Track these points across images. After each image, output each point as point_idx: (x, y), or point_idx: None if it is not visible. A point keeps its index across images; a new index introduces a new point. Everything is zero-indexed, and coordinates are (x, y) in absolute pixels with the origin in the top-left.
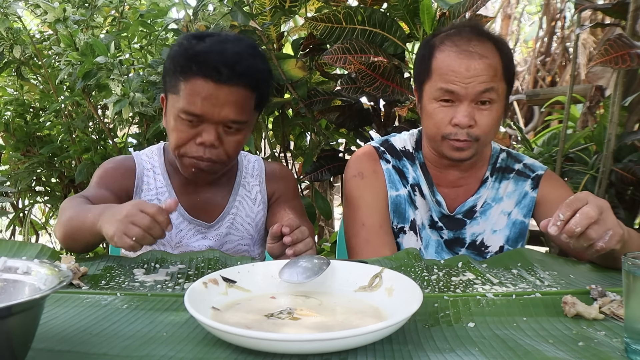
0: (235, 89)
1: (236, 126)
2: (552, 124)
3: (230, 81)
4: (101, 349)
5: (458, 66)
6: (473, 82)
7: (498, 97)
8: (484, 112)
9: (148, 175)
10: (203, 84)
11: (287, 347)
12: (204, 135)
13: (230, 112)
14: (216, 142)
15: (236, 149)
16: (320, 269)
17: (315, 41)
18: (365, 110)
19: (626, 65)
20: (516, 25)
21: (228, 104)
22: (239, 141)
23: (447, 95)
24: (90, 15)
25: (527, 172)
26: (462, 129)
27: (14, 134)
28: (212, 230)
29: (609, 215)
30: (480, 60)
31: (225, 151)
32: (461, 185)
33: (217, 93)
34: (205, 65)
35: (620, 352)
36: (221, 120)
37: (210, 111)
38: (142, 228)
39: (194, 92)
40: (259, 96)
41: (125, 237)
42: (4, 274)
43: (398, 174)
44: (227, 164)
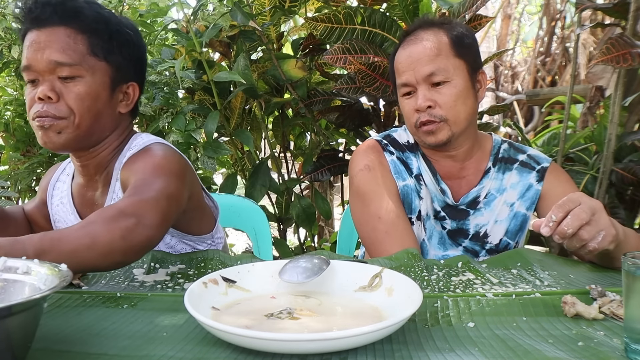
0: (54, 29)
1: (67, 71)
2: (552, 124)
3: (48, 22)
4: (101, 349)
5: (403, 57)
6: (417, 65)
7: (451, 74)
8: (441, 91)
9: (62, 179)
10: (30, 35)
11: (287, 347)
12: (39, 89)
13: (51, 52)
14: (51, 93)
15: (80, 102)
16: (320, 269)
17: (315, 41)
18: (365, 110)
19: (627, 64)
20: (516, 25)
21: (49, 46)
22: (79, 93)
23: (405, 88)
24: None
25: (531, 164)
26: (423, 112)
27: (14, 134)
28: None
29: (601, 216)
30: (419, 43)
31: (67, 105)
32: (463, 177)
33: (38, 38)
34: (26, 15)
35: (620, 352)
36: (46, 66)
37: (34, 57)
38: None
39: (25, 47)
40: (93, 39)
41: None
42: (4, 274)
43: (403, 165)
44: (74, 123)
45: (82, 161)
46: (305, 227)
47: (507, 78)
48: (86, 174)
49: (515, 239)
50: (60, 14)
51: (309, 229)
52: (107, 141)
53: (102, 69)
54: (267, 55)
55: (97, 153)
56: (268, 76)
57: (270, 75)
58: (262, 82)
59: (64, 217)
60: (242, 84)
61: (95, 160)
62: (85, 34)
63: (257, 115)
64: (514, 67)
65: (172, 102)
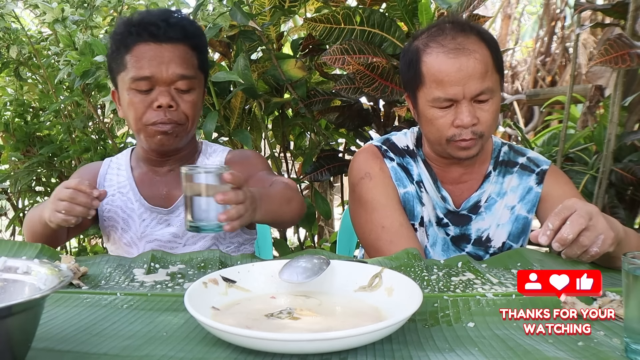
0: (176, 46)
1: (186, 84)
2: (552, 124)
3: (169, 38)
4: (101, 349)
5: (450, 68)
6: (469, 82)
7: (494, 91)
8: (484, 107)
9: (112, 172)
10: (145, 47)
11: (287, 347)
12: (160, 98)
13: (177, 67)
14: (172, 102)
15: (193, 110)
16: (320, 269)
17: (315, 41)
18: (364, 111)
19: (626, 65)
20: (516, 25)
21: (173, 61)
22: (193, 102)
23: (446, 102)
24: (89, 15)
25: (531, 167)
26: (466, 129)
27: (13, 134)
28: (174, 217)
29: (598, 220)
30: (471, 56)
31: (183, 113)
32: (465, 182)
33: (160, 52)
34: (143, 28)
35: (619, 352)
36: (170, 79)
37: (158, 70)
38: (67, 200)
39: (139, 57)
40: (200, 55)
41: (57, 213)
42: (4, 274)
43: (403, 171)
44: (188, 129)
45: (168, 156)
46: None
47: (507, 78)
48: (163, 166)
49: (518, 242)
50: (180, 32)
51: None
52: (191, 141)
53: (202, 80)
54: (267, 55)
55: (183, 150)
56: (268, 76)
57: (270, 75)
58: (261, 82)
59: (122, 205)
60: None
61: (177, 157)
62: (195, 50)
63: (256, 115)
64: (514, 67)
65: None
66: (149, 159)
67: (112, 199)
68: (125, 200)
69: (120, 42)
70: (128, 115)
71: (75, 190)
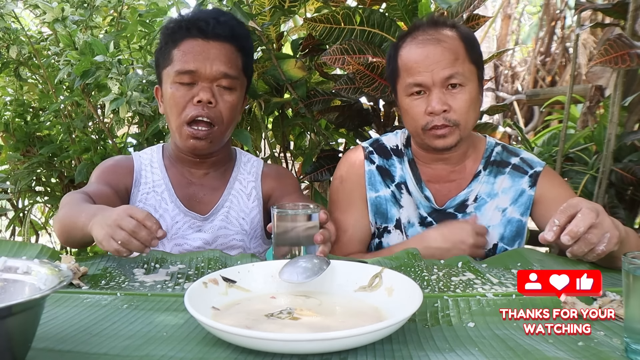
0: (222, 44)
1: (228, 83)
2: (552, 124)
3: (217, 35)
4: (101, 349)
5: (418, 56)
6: (436, 67)
7: (466, 78)
8: (456, 96)
9: (146, 170)
10: (193, 42)
11: (287, 347)
12: (201, 93)
13: (221, 65)
14: (212, 99)
15: (230, 112)
16: (320, 269)
17: (315, 41)
18: (364, 110)
19: (626, 65)
20: (516, 25)
21: (218, 58)
22: (232, 103)
23: (416, 88)
24: (89, 15)
25: (524, 168)
26: (437, 116)
27: (13, 134)
28: (207, 223)
29: (604, 218)
30: (439, 44)
31: (220, 112)
32: (453, 180)
33: (207, 48)
34: (192, 23)
35: (620, 352)
36: (214, 75)
37: (203, 65)
38: (127, 232)
39: (186, 52)
40: (245, 58)
41: (112, 241)
42: (4, 274)
43: (382, 175)
44: (221, 132)
45: (201, 159)
46: None
47: (507, 78)
48: (199, 168)
49: (514, 246)
50: (228, 30)
51: None
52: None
53: (244, 84)
54: (267, 55)
55: (218, 154)
56: (268, 76)
57: (270, 75)
58: (261, 82)
59: (155, 204)
60: None
61: (212, 159)
62: (240, 52)
63: (256, 115)
64: (514, 67)
65: None
66: (185, 160)
67: (147, 197)
68: (159, 199)
69: (169, 37)
70: (168, 110)
71: (139, 224)
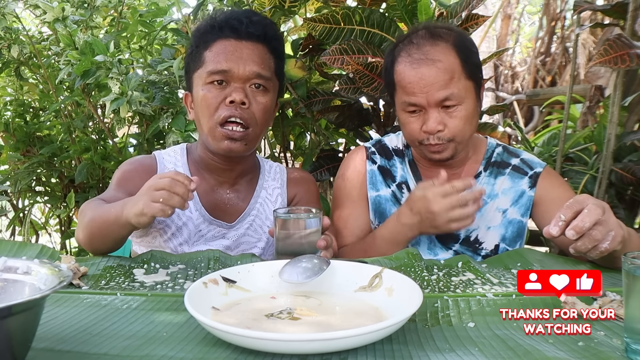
0: (255, 44)
1: (262, 83)
2: (552, 123)
3: (250, 35)
4: (101, 349)
5: (413, 77)
6: (431, 89)
7: (462, 97)
8: (452, 114)
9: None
10: (225, 43)
11: (287, 347)
12: (234, 94)
13: (254, 65)
14: (245, 99)
15: (264, 114)
16: (320, 269)
17: (315, 41)
18: (364, 110)
19: (625, 65)
20: (516, 25)
21: (251, 58)
22: (265, 104)
23: (412, 107)
24: (90, 15)
25: (524, 169)
26: (432, 135)
27: (14, 134)
28: (232, 230)
29: (610, 216)
30: (433, 65)
31: (254, 113)
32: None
33: (239, 48)
34: (225, 25)
35: (620, 352)
36: (247, 76)
37: (236, 65)
38: (165, 189)
39: (218, 53)
40: (277, 61)
41: (153, 204)
42: (4, 274)
43: (383, 175)
44: (256, 134)
45: (231, 165)
46: None
47: (507, 78)
48: (227, 177)
49: (514, 246)
50: (261, 30)
51: None
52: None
53: (276, 86)
54: None
55: (246, 159)
56: None
57: None
58: None
59: (179, 211)
60: None
61: (241, 167)
62: (272, 54)
63: None
64: (514, 67)
65: (172, 102)
66: (213, 167)
67: None
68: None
69: (201, 39)
70: (200, 112)
71: (173, 179)
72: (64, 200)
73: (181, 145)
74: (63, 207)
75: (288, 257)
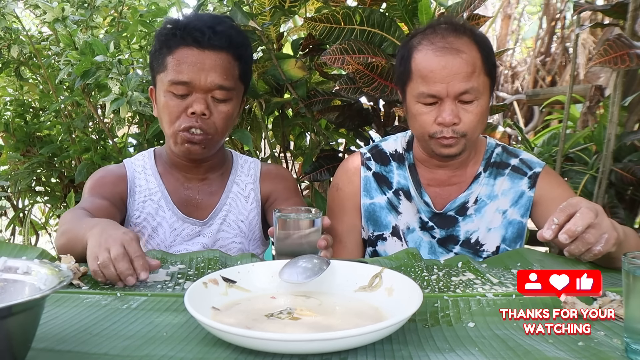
0: (219, 54)
1: (223, 94)
2: (552, 123)
3: (213, 46)
4: (101, 349)
5: (436, 65)
6: (453, 80)
7: (480, 92)
8: (467, 108)
9: (139, 177)
10: (188, 51)
11: (287, 347)
12: (194, 105)
13: (216, 77)
14: (206, 110)
15: (225, 122)
16: (320, 269)
17: (315, 41)
18: (364, 110)
19: (625, 65)
20: (516, 25)
21: (213, 69)
22: (227, 113)
23: (430, 99)
24: (90, 15)
25: (523, 169)
26: (447, 127)
27: (14, 134)
28: (206, 227)
29: (603, 218)
30: (458, 55)
31: (214, 123)
32: (454, 183)
33: (202, 58)
34: (187, 32)
35: (620, 352)
36: (208, 87)
37: (197, 77)
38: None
39: (180, 61)
40: (242, 66)
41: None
42: (4, 274)
43: (378, 181)
44: (216, 140)
45: (196, 163)
46: None
47: (507, 78)
48: (195, 173)
49: (514, 247)
50: (225, 40)
51: None
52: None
53: (241, 91)
54: (267, 55)
55: (213, 157)
56: (268, 76)
57: (270, 75)
58: (262, 82)
59: (152, 212)
60: None
61: (208, 163)
62: (237, 60)
63: (257, 115)
64: (514, 67)
65: None
66: (180, 165)
67: (143, 205)
68: (156, 207)
69: (164, 43)
70: (162, 116)
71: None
72: (64, 200)
73: (149, 150)
74: (63, 207)
75: (288, 257)
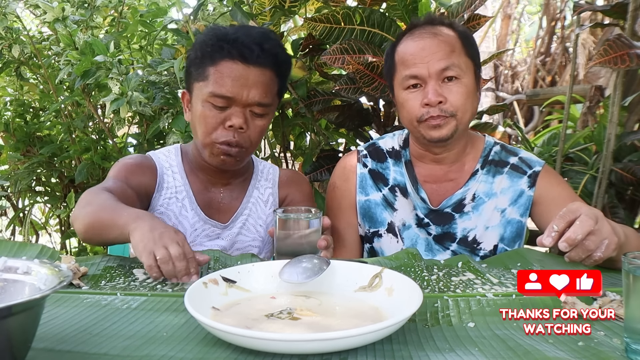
0: (263, 71)
1: (262, 110)
2: (552, 123)
3: (258, 62)
4: (101, 349)
5: (414, 48)
6: (432, 59)
7: (462, 71)
8: (452, 88)
9: (167, 173)
10: (232, 65)
11: (287, 347)
12: (233, 118)
13: (257, 93)
14: (244, 125)
15: (259, 135)
16: (320, 269)
17: (315, 41)
18: (364, 110)
19: (625, 65)
20: (516, 25)
21: (255, 86)
22: (262, 127)
23: (412, 80)
24: (90, 15)
25: (523, 168)
26: (433, 107)
27: (14, 134)
28: (226, 230)
29: (603, 224)
30: (435, 38)
31: (249, 136)
32: (451, 180)
33: (246, 74)
34: (234, 46)
35: (620, 352)
36: (249, 103)
37: (240, 92)
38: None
39: (223, 74)
40: (281, 82)
41: (151, 256)
42: (4, 274)
43: (374, 178)
44: (250, 152)
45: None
46: None
47: (507, 78)
48: (220, 177)
49: (513, 246)
50: (271, 59)
51: None
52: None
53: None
54: None
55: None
56: None
57: None
58: None
59: (176, 211)
60: None
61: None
62: (278, 77)
63: None
64: (514, 67)
65: (172, 103)
66: (207, 169)
67: (168, 202)
68: (180, 206)
69: (208, 53)
70: (196, 125)
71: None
72: (64, 200)
73: (175, 146)
74: (63, 207)
75: (288, 257)
